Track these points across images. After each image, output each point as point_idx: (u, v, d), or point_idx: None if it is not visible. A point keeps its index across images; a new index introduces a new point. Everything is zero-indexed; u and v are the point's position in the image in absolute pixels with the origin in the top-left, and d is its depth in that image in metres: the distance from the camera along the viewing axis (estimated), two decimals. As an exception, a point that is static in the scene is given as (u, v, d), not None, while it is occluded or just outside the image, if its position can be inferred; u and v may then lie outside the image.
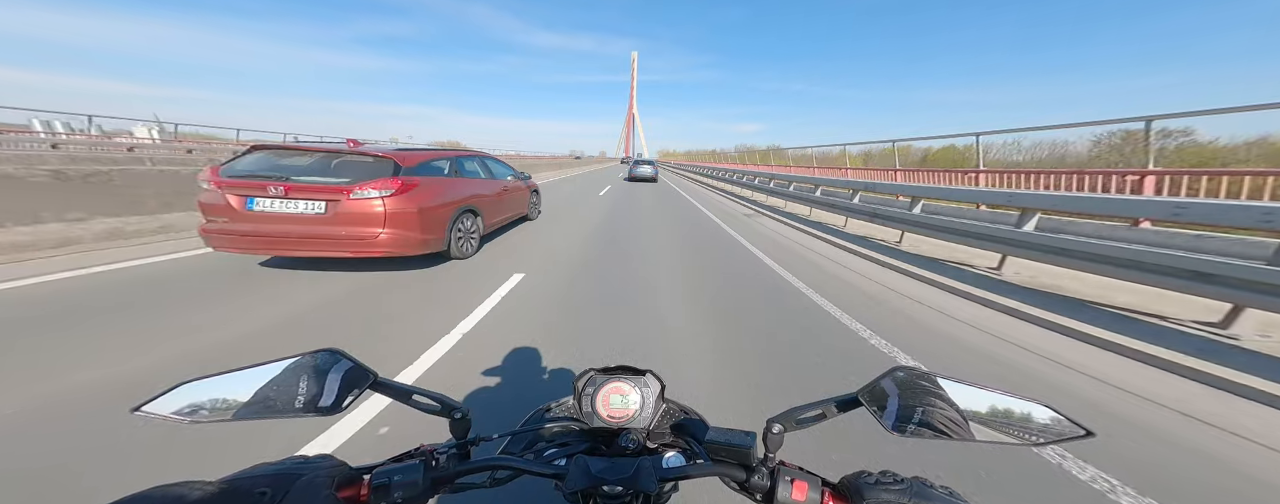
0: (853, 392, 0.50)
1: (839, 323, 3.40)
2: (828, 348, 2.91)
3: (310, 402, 0.46)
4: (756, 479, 0.47)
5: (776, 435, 0.49)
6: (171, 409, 0.42)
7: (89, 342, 2.52)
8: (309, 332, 2.80)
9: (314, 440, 1.78)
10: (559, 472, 0.49)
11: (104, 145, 12.66)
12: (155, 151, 12.30)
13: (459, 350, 2.61)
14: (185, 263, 4.16)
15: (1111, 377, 2.66)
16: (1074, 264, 3.88)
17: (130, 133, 18.35)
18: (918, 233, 5.97)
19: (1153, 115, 6.82)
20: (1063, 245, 3.97)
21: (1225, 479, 1.78)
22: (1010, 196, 4.88)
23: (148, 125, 19.08)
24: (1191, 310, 3.54)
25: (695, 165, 36.56)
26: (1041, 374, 2.69)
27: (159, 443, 1.69)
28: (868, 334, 3.18)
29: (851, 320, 3.44)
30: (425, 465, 0.47)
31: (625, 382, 0.62)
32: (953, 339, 3.20)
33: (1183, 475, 1.79)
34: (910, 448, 1.78)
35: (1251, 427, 2.16)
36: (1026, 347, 3.08)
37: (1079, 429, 0.43)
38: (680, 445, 0.60)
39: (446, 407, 0.52)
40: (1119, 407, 2.34)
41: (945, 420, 0.45)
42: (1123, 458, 1.87)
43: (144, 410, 0.42)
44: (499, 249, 5.32)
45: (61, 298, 3.15)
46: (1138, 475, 1.75)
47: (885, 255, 5.88)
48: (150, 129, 19.36)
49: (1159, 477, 1.77)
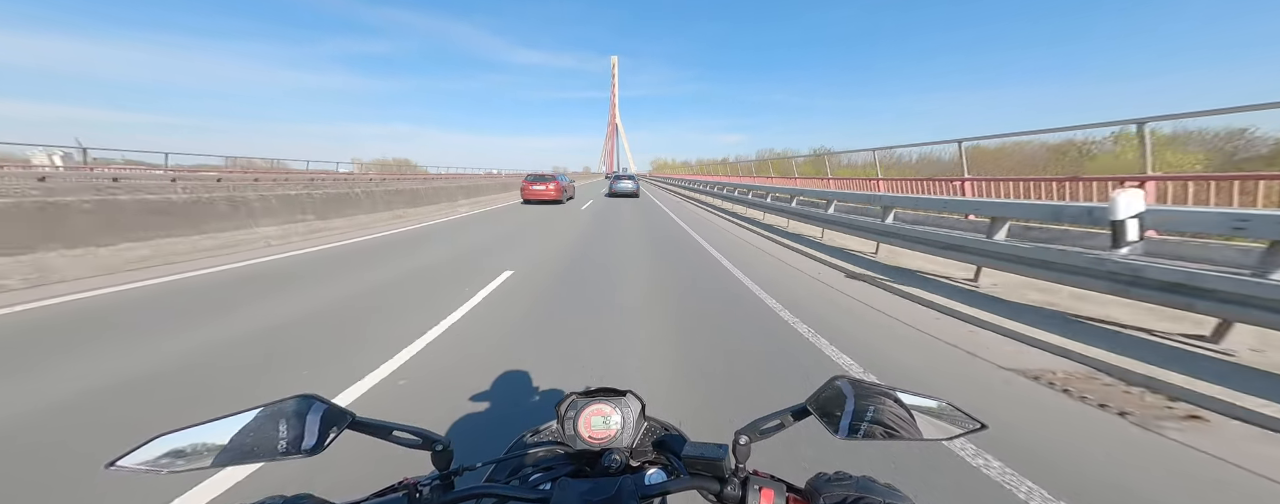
0: (802, 402, 0.55)
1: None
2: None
3: (290, 444, 0.47)
4: (729, 490, 0.51)
5: (744, 446, 0.53)
6: (147, 460, 0.43)
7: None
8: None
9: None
10: (543, 496, 0.51)
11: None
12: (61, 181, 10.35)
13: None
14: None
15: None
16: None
17: (27, 160, 16.40)
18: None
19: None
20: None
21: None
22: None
23: (49, 151, 17.21)
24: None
25: (697, 181, 26.37)
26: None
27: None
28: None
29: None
30: (409, 499, 0.49)
31: (606, 403, 0.66)
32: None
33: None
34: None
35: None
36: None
37: (975, 422, 0.51)
38: (661, 462, 0.63)
39: (427, 440, 0.53)
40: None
41: (890, 421, 0.50)
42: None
43: (119, 465, 0.42)
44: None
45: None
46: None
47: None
48: (52, 155, 17.47)
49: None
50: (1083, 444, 2.10)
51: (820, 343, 3.40)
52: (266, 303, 4.09)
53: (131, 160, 21.44)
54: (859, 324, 3.90)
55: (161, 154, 17.21)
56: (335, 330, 3.46)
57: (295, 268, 5.72)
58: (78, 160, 16.92)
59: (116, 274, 4.86)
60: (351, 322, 3.67)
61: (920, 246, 5.61)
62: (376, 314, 3.88)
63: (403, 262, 6.23)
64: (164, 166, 17.45)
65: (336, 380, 2.63)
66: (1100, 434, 2.19)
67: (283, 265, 5.87)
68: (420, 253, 6.95)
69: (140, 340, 3.16)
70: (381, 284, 4.93)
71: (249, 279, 5.02)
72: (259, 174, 19.53)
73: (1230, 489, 1.80)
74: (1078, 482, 1.82)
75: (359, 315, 3.83)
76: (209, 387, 2.54)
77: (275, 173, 22.90)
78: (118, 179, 9.12)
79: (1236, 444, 2.08)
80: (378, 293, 4.59)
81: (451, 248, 7.49)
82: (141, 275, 4.90)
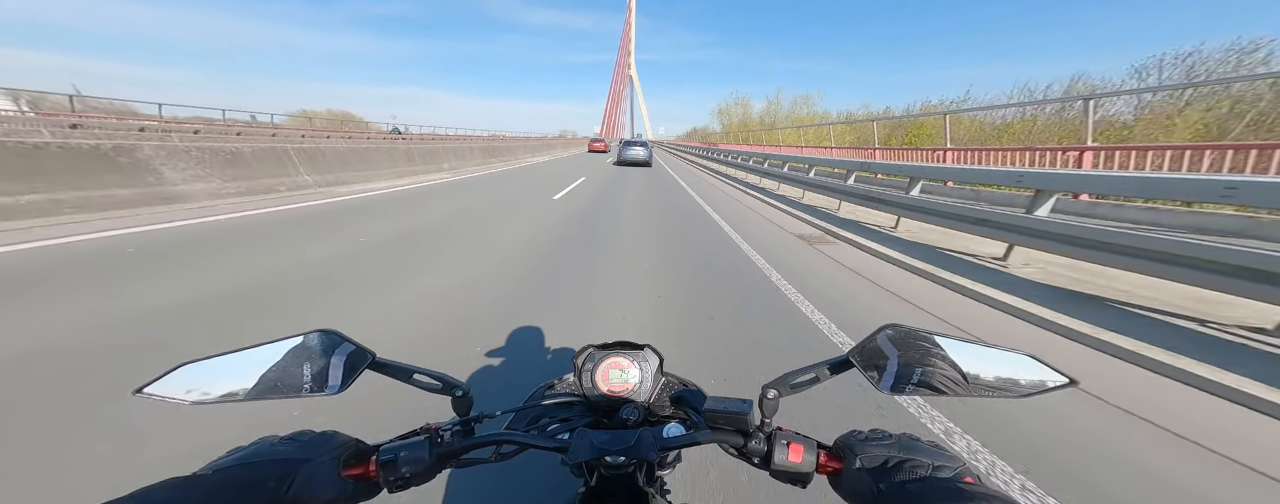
0: (844, 353, 0.52)
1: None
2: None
3: (313, 381, 0.47)
4: (754, 444, 0.49)
5: (772, 401, 0.51)
6: (173, 390, 0.44)
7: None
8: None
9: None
10: (562, 445, 0.51)
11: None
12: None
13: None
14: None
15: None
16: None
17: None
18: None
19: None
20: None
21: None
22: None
23: (13, 94, 16.61)
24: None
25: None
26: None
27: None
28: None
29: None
30: (431, 442, 0.48)
31: (624, 356, 0.64)
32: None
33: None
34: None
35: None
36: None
37: (1062, 377, 0.45)
38: (680, 416, 0.62)
39: (448, 385, 0.53)
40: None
41: (943, 378, 0.46)
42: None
43: (146, 392, 0.43)
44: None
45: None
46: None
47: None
48: (18, 99, 16.89)
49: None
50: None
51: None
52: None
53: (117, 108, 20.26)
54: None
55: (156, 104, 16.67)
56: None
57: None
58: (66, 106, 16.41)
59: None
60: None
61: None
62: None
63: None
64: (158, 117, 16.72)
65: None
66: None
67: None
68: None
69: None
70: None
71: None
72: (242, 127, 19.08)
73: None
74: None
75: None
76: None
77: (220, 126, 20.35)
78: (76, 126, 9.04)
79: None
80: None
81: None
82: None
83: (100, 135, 6.91)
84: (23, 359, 2.01)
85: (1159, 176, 3.47)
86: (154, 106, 16.45)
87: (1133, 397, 2.13)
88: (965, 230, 4.58)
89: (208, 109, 31.10)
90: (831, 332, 2.81)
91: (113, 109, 18.91)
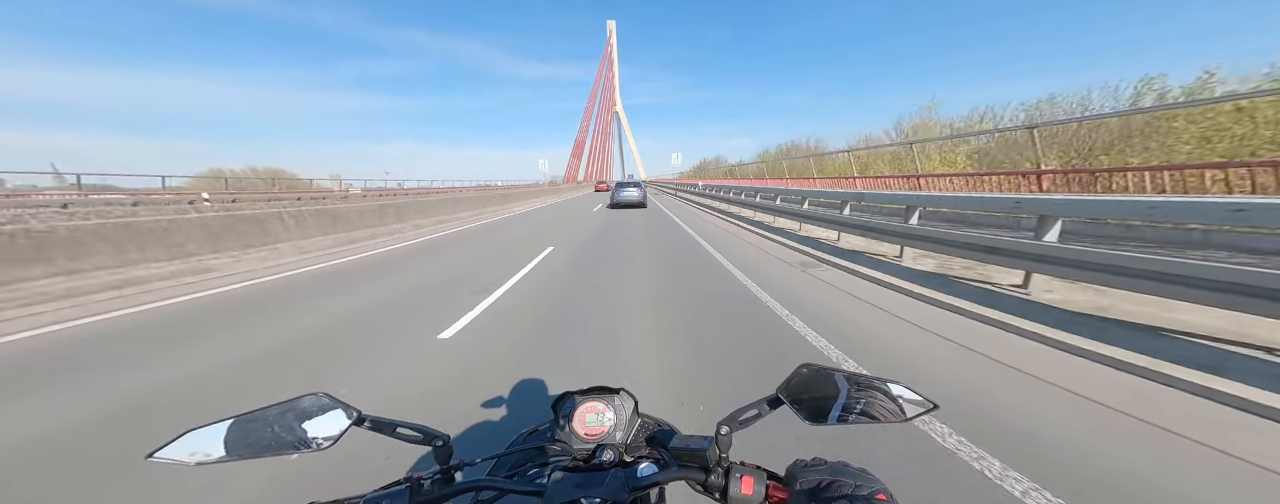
0: (774, 392, 0.57)
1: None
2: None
3: (304, 441, 0.52)
4: (713, 479, 0.53)
5: (725, 436, 0.55)
6: (179, 454, 0.49)
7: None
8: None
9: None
10: (539, 488, 0.53)
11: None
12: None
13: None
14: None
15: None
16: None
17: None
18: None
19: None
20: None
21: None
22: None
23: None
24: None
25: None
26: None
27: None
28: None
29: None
30: (411, 491, 0.52)
31: (599, 400, 0.68)
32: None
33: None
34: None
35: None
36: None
37: (928, 403, 0.54)
38: (654, 456, 0.65)
39: (428, 436, 0.56)
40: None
41: (850, 407, 0.54)
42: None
43: (157, 456, 0.48)
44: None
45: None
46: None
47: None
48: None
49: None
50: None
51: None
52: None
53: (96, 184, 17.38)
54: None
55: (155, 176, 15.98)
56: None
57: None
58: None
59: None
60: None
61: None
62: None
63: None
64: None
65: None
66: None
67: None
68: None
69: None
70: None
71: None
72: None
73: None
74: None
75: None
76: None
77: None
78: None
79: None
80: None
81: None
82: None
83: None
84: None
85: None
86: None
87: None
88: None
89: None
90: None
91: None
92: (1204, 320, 3.15)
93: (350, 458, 1.79)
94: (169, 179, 18.66)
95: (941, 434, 2.03)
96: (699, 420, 2.23)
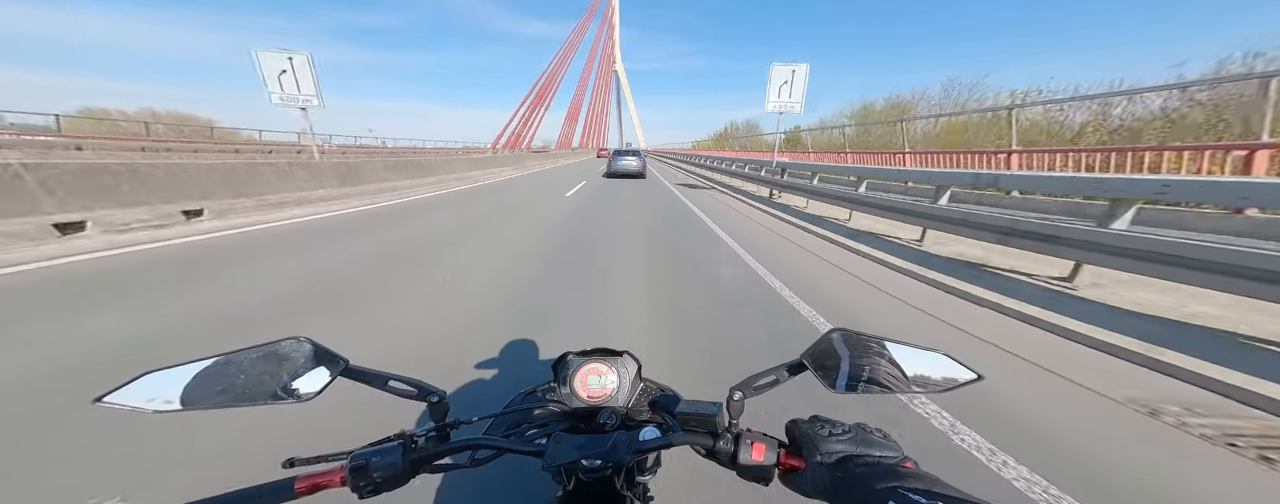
0: (798, 357, 0.56)
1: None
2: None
3: (283, 389, 0.48)
4: (721, 445, 0.52)
5: (738, 402, 0.54)
6: (135, 399, 0.43)
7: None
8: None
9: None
10: (539, 449, 0.52)
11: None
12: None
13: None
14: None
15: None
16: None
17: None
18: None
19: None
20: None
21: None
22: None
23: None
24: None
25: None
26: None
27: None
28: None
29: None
30: (404, 447, 0.49)
31: (602, 362, 0.67)
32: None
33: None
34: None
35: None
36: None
37: (972, 373, 0.52)
38: (657, 420, 0.64)
39: (423, 391, 0.54)
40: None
41: (887, 376, 0.52)
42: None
43: (107, 401, 0.43)
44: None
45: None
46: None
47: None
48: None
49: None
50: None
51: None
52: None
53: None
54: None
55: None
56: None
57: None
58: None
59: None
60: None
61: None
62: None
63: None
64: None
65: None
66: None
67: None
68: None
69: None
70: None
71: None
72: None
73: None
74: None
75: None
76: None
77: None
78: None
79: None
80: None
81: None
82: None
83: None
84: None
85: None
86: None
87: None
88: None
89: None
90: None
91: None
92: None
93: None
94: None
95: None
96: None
